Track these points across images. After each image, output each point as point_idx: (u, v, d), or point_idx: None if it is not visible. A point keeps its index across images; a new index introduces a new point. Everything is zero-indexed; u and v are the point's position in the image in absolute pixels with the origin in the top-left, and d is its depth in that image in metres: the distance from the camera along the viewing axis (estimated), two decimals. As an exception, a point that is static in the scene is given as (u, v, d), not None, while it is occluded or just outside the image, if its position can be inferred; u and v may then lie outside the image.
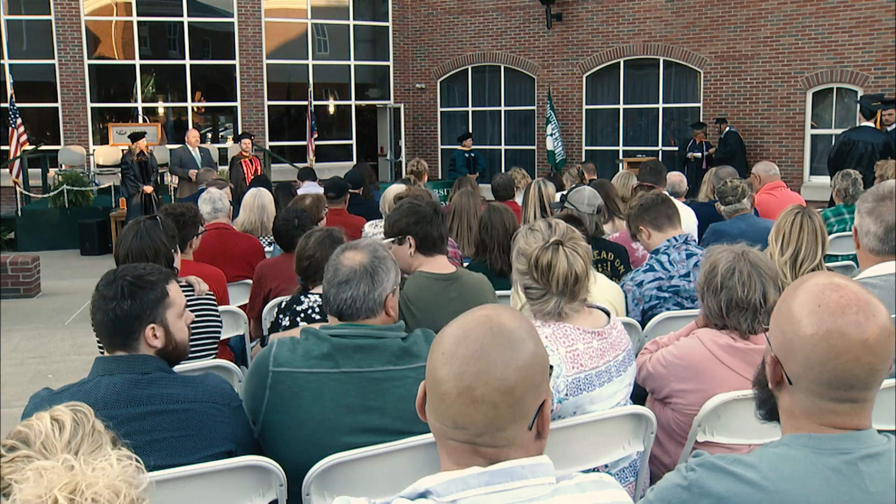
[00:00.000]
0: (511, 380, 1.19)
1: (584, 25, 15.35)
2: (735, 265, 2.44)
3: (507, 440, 1.21)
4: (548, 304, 2.26)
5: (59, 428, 1.21)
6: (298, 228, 4.15)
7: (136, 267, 2.21)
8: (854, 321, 1.36)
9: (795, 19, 13.37)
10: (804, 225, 3.27)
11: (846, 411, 1.39)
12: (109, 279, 2.15)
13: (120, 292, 2.11)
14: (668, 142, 14.92)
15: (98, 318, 2.12)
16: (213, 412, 2.06)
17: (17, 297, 8.80)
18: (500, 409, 1.19)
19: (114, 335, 2.11)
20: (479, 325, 1.24)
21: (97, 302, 2.13)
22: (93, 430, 1.24)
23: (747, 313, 2.41)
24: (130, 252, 3.14)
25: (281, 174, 13.99)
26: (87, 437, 1.22)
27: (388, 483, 1.96)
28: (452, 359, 1.21)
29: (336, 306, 2.22)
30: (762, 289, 2.41)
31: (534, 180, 5.31)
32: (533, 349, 1.24)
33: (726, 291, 2.42)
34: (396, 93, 17.39)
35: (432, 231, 3.08)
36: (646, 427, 2.30)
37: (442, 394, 1.22)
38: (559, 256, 2.25)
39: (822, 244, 3.27)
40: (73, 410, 1.26)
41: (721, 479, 1.40)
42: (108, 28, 15.78)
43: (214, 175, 8.78)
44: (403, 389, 2.13)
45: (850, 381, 1.36)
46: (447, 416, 1.22)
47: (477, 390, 1.18)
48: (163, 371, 2.10)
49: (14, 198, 13.23)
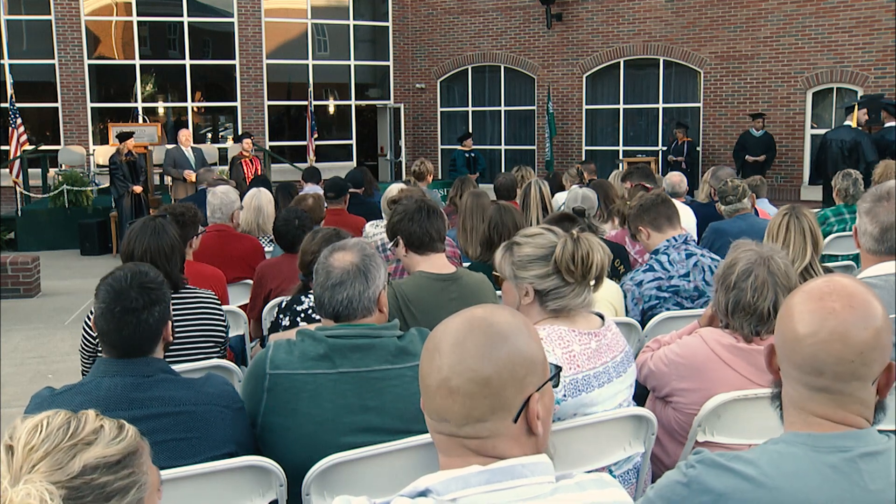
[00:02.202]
0: (485, 371, 1.21)
1: (584, 25, 15.36)
2: (753, 269, 2.39)
3: (489, 431, 1.22)
4: (578, 298, 2.27)
5: (34, 434, 1.17)
6: (299, 229, 4.16)
7: (139, 271, 2.18)
8: (828, 307, 1.38)
9: (795, 19, 13.38)
10: (791, 225, 3.31)
11: (823, 402, 1.40)
12: (122, 290, 2.08)
13: (148, 301, 2.08)
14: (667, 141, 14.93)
15: (125, 332, 2.04)
16: (216, 414, 2.06)
17: (17, 297, 8.80)
18: (476, 399, 1.21)
19: (140, 345, 2.07)
20: (463, 321, 1.28)
21: (121, 316, 2.05)
22: (67, 449, 1.18)
23: (752, 318, 2.38)
24: (149, 249, 3.12)
25: (281, 174, 13.99)
26: (51, 454, 1.16)
27: (387, 483, 1.96)
28: (434, 353, 1.26)
29: (332, 309, 2.20)
30: (774, 298, 2.36)
31: (532, 181, 5.31)
32: (517, 344, 1.25)
33: (737, 292, 2.40)
34: (396, 93, 17.40)
35: (416, 228, 3.07)
36: (647, 428, 2.30)
37: (426, 387, 1.26)
38: (590, 246, 2.25)
39: (814, 244, 3.28)
40: (68, 420, 1.21)
41: (721, 475, 1.40)
42: (108, 28, 15.79)
43: (215, 175, 8.77)
44: (401, 388, 2.13)
45: (817, 367, 1.38)
46: (432, 408, 1.26)
47: (452, 381, 1.22)
48: (165, 373, 2.09)
49: (14, 198, 13.23)
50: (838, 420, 1.40)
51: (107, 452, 1.20)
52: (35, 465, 1.15)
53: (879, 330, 1.37)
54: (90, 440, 1.20)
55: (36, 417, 1.21)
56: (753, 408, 2.28)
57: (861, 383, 1.39)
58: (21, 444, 1.17)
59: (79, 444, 1.19)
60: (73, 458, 1.17)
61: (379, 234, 4.57)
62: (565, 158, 15.29)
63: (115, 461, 1.21)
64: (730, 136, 14.18)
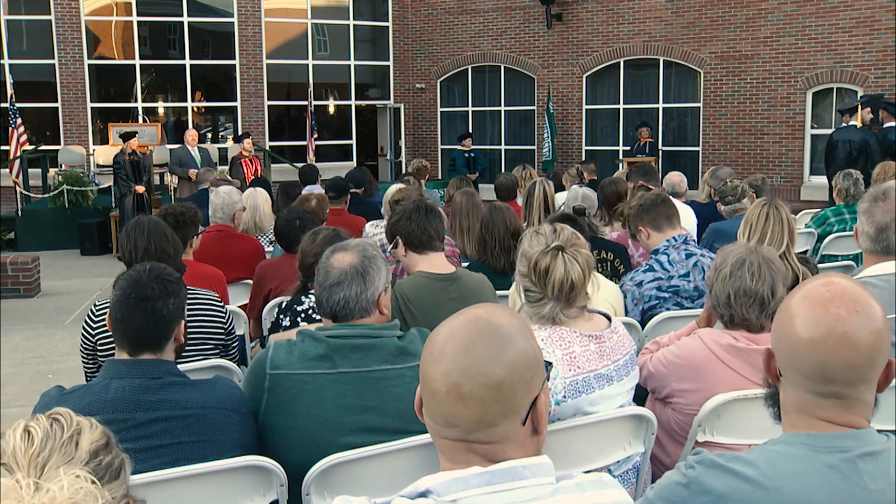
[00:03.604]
0: (498, 375, 1.20)
1: (584, 25, 15.35)
2: (746, 257, 2.45)
3: (500, 436, 1.21)
4: (544, 309, 2.27)
5: (28, 440, 1.19)
6: (299, 229, 4.16)
7: (158, 266, 2.21)
8: (834, 314, 1.37)
9: (795, 19, 13.38)
10: (770, 215, 3.49)
11: (831, 407, 1.39)
12: (140, 279, 2.11)
13: (164, 291, 2.09)
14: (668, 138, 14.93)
15: (139, 320, 2.05)
16: (223, 418, 2.06)
17: (17, 297, 8.80)
18: (489, 404, 1.20)
19: (152, 336, 2.07)
20: (467, 323, 1.25)
21: (136, 303, 2.06)
22: (66, 442, 1.20)
23: (755, 304, 2.40)
24: (150, 247, 3.13)
25: (281, 174, 14.00)
26: (57, 450, 1.19)
27: (387, 483, 1.96)
28: (441, 357, 1.23)
29: (329, 308, 2.21)
30: (771, 282, 2.40)
31: (536, 180, 5.29)
32: (523, 346, 1.24)
33: (735, 280, 2.42)
34: (396, 93, 17.39)
35: (414, 227, 3.08)
36: (646, 428, 2.30)
37: (432, 392, 1.23)
38: (557, 262, 2.25)
39: (790, 233, 3.46)
40: (51, 420, 1.24)
41: (720, 476, 1.40)
42: (108, 28, 15.79)
43: (215, 175, 8.76)
44: (401, 388, 2.13)
45: (827, 375, 1.37)
46: (439, 414, 1.23)
47: (464, 387, 1.19)
48: (174, 375, 2.09)
49: (14, 198, 13.23)
50: (843, 423, 1.40)
51: (94, 437, 1.26)
52: (46, 464, 1.16)
53: (882, 331, 1.38)
54: (79, 429, 1.25)
55: (17, 427, 1.22)
56: (753, 408, 2.28)
57: (868, 386, 1.39)
58: (20, 452, 1.17)
59: (73, 435, 1.23)
60: (77, 446, 1.21)
61: (379, 234, 4.57)
62: (565, 158, 15.28)
63: (104, 443, 1.26)
64: (730, 136, 14.18)
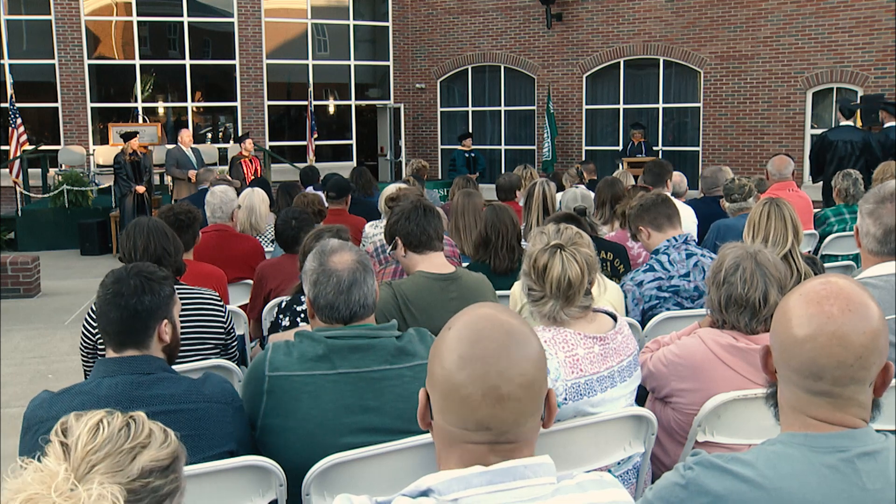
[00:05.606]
0: (531, 373, 1.22)
1: (584, 25, 15.35)
2: (740, 262, 2.44)
3: (525, 435, 1.23)
4: (544, 307, 2.28)
5: (93, 435, 1.16)
6: (296, 229, 4.15)
7: (144, 265, 2.22)
8: (827, 311, 1.37)
9: (795, 19, 13.38)
10: (772, 213, 3.48)
11: (823, 405, 1.40)
12: (120, 276, 2.13)
13: (140, 287, 2.10)
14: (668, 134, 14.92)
15: (113, 315, 2.08)
16: (216, 412, 2.06)
17: (17, 297, 8.81)
18: (524, 403, 1.22)
19: (130, 332, 2.09)
20: (489, 325, 1.25)
21: (112, 298, 2.09)
22: (125, 453, 1.16)
23: (745, 311, 2.41)
24: (150, 247, 3.14)
25: (281, 174, 13.99)
26: (112, 456, 1.15)
27: (387, 483, 1.96)
28: (472, 361, 1.21)
29: (349, 310, 2.18)
30: (763, 289, 2.40)
31: (538, 181, 5.29)
32: (537, 342, 1.28)
33: (727, 287, 2.43)
34: (396, 93, 17.39)
35: (413, 227, 3.07)
36: (647, 428, 2.30)
37: (463, 398, 1.20)
38: (555, 260, 2.26)
39: (795, 232, 3.44)
40: (126, 423, 1.20)
41: (719, 477, 1.40)
42: (108, 28, 15.79)
43: (215, 174, 8.76)
44: (401, 388, 2.13)
45: (816, 372, 1.38)
46: (471, 419, 1.21)
47: (502, 388, 1.20)
48: (165, 371, 2.10)
49: (14, 198, 13.24)
50: (836, 422, 1.40)
51: (159, 455, 1.20)
52: (95, 466, 1.14)
53: (877, 332, 1.37)
54: (145, 443, 1.20)
55: (93, 417, 1.20)
56: (753, 407, 2.28)
57: (859, 386, 1.38)
58: (81, 443, 1.15)
59: (136, 447, 1.18)
60: (133, 460, 1.17)
61: (378, 234, 4.58)
62: (565, 158, 15.28)
63: (165, 465, 1.21)
64: (730, 136, 14.18)
